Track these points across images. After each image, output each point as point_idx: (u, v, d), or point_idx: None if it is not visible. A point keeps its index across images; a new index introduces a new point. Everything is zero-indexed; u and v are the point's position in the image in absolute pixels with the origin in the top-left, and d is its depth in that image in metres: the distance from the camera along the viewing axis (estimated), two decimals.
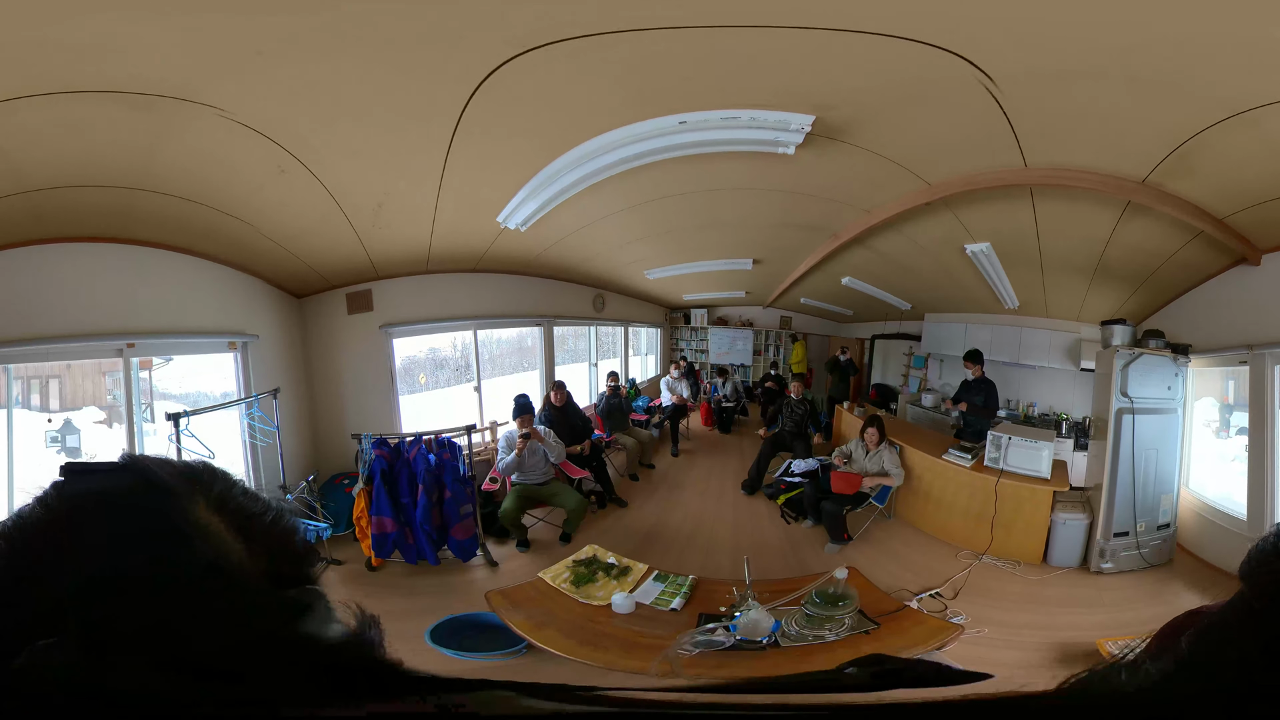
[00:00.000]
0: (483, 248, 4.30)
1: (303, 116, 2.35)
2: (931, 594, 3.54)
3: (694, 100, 2.55)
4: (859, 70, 2.29)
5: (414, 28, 1.83)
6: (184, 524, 0.32)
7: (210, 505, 0.34)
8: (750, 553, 3.80)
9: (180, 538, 0.31)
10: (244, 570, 0.33)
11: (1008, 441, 3.78)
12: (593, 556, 3.23)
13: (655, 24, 1.93)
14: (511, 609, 2.76)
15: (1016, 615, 3.30)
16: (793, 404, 4.93)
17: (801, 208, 3.97)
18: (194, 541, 0.31)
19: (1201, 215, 3.12)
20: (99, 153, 2.41)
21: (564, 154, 2.88)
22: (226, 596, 0.30)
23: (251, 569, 0.33)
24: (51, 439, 3.15)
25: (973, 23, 2.02)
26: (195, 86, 2.03)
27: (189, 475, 0.35)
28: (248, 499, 0.36)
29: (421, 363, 4.94)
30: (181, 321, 3.57)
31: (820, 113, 2.63)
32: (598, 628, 2.67)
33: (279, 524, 0.37)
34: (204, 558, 0.31)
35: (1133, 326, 3.61)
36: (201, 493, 0.34)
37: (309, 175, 2.79)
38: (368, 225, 3.54)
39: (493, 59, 2.04)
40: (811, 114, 2.63)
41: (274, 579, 0.34)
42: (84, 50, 1.75)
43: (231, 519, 0.34)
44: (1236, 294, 3.46)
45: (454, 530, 3.73)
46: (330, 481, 4.24)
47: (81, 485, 0.32)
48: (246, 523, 0.35)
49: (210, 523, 0.33)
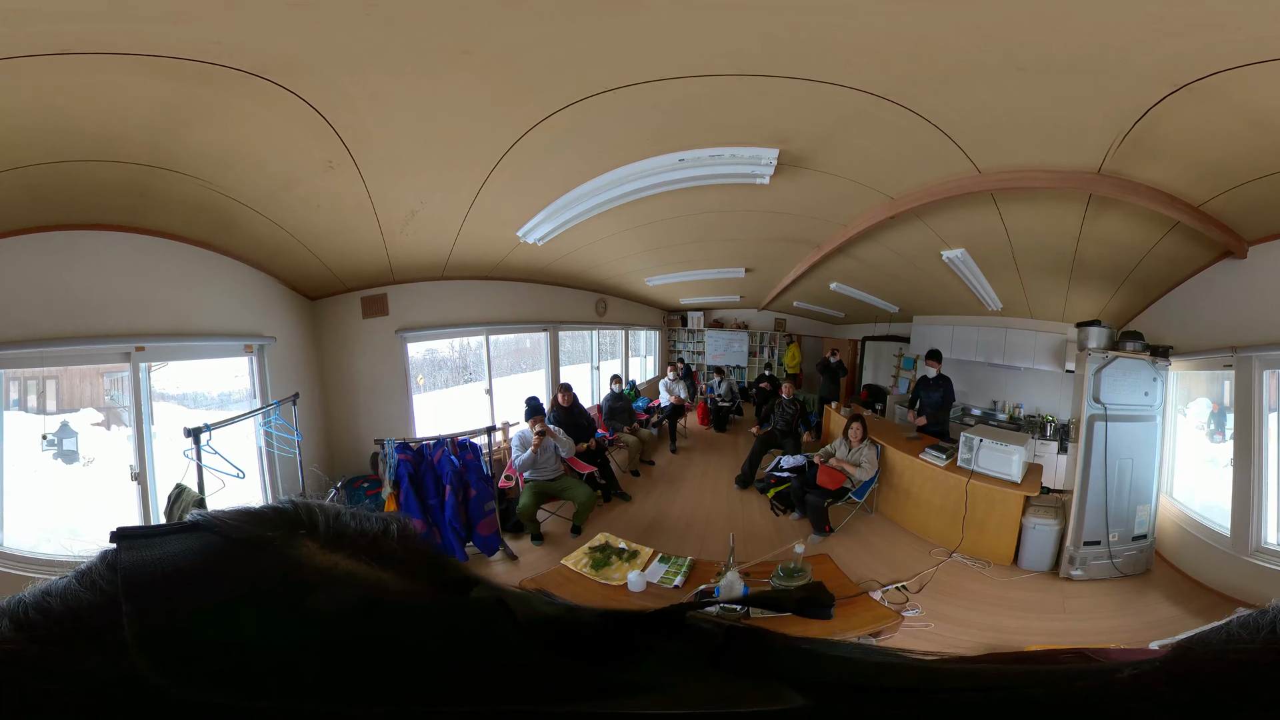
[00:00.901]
0: (499, 257, 4.52)
1: (376, 117, 2.32)
2: (897, 586, 3.68)
3: (686, 140, 2.86)
4: (803, 108, 2.52)
5: (507, 64, 1.98)
6: (303, 574, 0.27)
7: (325, 544, 0.29)
8: (741, 541, 4.10)
9: (304, 591, 0.26)
10: (410, 593, 0.28)
11: (980, 443, 3.81)
12: (605, 543, 3.49)
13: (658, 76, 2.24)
14: None
15: (970, 614, 3.39)
16: (784, 404, 5.12)
17: (784, 225, 4.14)
18: (329, 589, 0.26)
19: (1174, 203, 2.94)
20: (119, 121, 2.15)
21: (584, 183, 3.18)
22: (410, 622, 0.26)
23: (415, 589, 0.29)
24: (46, 442, 2.85)
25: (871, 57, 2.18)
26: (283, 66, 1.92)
27: (282, 520, 0.29)
28: (361, 522, 0.31)
29: (420, 364, 4.92)
30: (194, 323, 3.25)
31: (782, 145, 2.88)
32: (620, 605, 3.04)
33: (407, 534, 0.32)
34: (350, 600, 0.26)
35: (1109, 328, 3.51)
36: (307, 534, 0.29)
37: (355, 175, 2.75)
38: (396, 231, 3.59)
39: (556, 103, 2.32)
40: (775, 146, 2.89)
41: (446, 589, 0.30)
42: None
43: (356, 550, 0.29)
44: (1222, 290, 3.26)
45: (479, 527, 3.90)
46: (350, 485, 4.22)
47: (143, 554, 0.26)
48: (375, 548, 0.30)
49: (336, 563, 0.28)
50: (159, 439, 3.17)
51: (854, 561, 3.91)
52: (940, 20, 1.96)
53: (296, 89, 2.06)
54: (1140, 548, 3.46)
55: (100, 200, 2.70)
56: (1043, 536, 3.62)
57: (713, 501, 5.18)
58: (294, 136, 2.37)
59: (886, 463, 4.40)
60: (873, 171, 3.32)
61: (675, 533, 4.54)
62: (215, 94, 2.04)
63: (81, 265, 2.80)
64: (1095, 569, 3.49)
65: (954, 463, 4.01)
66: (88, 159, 2.37)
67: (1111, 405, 3.42)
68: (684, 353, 6.62)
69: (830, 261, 4.59)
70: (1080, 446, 3.49)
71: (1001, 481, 3.77)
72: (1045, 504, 3.69)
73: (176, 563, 0.26)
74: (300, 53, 1.87)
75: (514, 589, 0.30)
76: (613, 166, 3.07)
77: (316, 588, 0.26)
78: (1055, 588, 3.53)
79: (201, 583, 0.25)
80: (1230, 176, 2.73)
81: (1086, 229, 3.33)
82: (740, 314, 6.44)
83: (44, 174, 2.36)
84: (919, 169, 3.27)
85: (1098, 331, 3.50)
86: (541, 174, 3.07)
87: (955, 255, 3.90)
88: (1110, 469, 3.42)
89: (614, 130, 2.70)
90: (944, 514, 4.04)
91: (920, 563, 3.94)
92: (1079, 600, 3.41)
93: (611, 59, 2.12)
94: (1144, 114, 2.36)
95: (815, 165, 3.18)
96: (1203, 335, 3.35)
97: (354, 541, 0.30)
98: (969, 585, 3.68)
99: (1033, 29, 1.95)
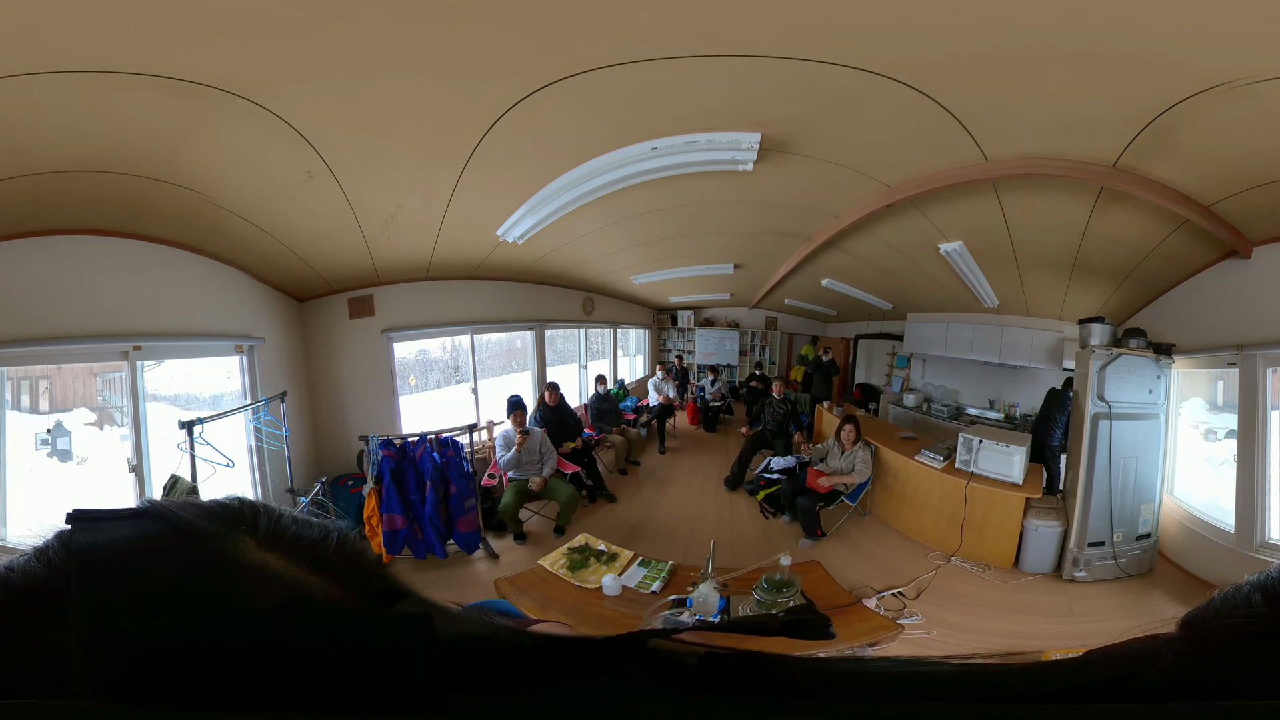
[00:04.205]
0: (481, 257, 4.48)
1: (341, 126, 2.40)
2: (894, 593, 3.53)
3: (658, 127, 2.75)
4: (788, 88, 2.38)
5: (460, 59, 2.00)
6: (236, 569, 0.27)
7: (262, 543, 0.29)
8: (728, 546, 3.93)
9: (234, 584, 0.27)
10: (335, 599, 0.29)
11: (979, 444, 3.69)
12: (585, 544, 3.40)
13: (626, 59, 2.12)
14: (519, 594, 2.94)
15: (975, 619, 3.25)
16: (775, 404, 4.97)
17: (772, 216, 4.02)
18: (257, 585, 0.27)
19: (1185, 202, 2.91)
20: (124, 137, 2.32)
21: (558, 177, 3.09)
22: (328, 628, 0.26)
23: (341, 596, 0.29)
24: (41, 441, 2.97)
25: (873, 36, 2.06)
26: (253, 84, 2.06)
27: (226, 515, 0.30)
28: (301, 527, 0.32)
29: (411, 364, 5.00)
30: (189, 323, 3.45)
31: (764, 129, 2.74)
32: (591, 610, 2.83)
33: (346, 545, 0.32)
34: (275, 599, 0.27)
35: (1112, 325, 3.43)
36: (247, 531, 0.30)
37: (333, 183, 2.85)
38: (377, 234, 3.64)
39: (518, 92, 2.28)
40: (756, 131, 2.74)
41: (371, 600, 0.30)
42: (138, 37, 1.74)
43: (291, 552, 0.30)
44: (1226, 289, 3.24)
45: (459, 524, 3.90)
46: (335, 483, 4.28)
47: (95, 536, 0.27)
48: (310, 552, 0.30)
49: (268, 561, 0.28)
50: (152, 438, 3.26)
51: (847, 567, 3.76)
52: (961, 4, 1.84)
53: (268, 104, 2.18)
54: (1144, 547, 3.38)
55: (102, 208, 2.82)
56: (1044, 539, 3.51)
57: (700, 503, 5.02)
58: (274, 149, 2.50)
59: (881, 464, 4.27)
60: (868, 157, 3.17)
61: (660, 536, 4.40)
62: (207, 111, 2.18)
63: (82, 268, 2.95)
64: (1099, 570, 3.39)
65: (951, 464, 3.88)
66: (95, 169, 2.51)
67: (1116, 404, 3.33)
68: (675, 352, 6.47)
69: (822, 256, 4.46)
70: (1083, 446, 3.39)
71: (1002, 483, 3.65)
72: (1047, 505, 3.59)
73: (127, 546, 0.27)
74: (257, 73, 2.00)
75: (450, 605, 0.31)
76: (585, 159, 2.95)
77: (243, 584, 0.27)
78: (1060, 590, 3.42)
79: (145, 567, 0.27)
80: (1241, 180, 2.70)
81: (1094, 224, 3.25)
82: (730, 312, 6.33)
83: (52, 182, 2.50)
84: (920, 155, 3.14)
85: (1100, 328, 3.42)
86: (514, 170, 3.01)
87: (953, 248, 3.79)
88: (1115, 468, 3.33)
89: (582, 121, 2.61)
90: (941, 516, 3.91)
91: (917, 567, 3.80)
92: (1085, 602, 3.31)
93: (570, 43, 2.01)
94: (1168, 109, 2.30)
95: (803, 150, 3.02)
96: (1206, 333, 3.31)
97: (290, 543, 0.31)
98: (970, 590, 3.55)
99: (1062, 18, 1.87)
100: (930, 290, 4.45)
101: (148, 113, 2.16)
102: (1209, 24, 1.79)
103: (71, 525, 0.28)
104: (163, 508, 0.29)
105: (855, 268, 4.51)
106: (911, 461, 4.04)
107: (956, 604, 3.40)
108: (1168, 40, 1.89)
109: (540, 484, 4.14)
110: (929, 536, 3.96)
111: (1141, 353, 3.35)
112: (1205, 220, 2.98)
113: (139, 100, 2.07)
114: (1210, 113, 2.20)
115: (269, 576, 0.28)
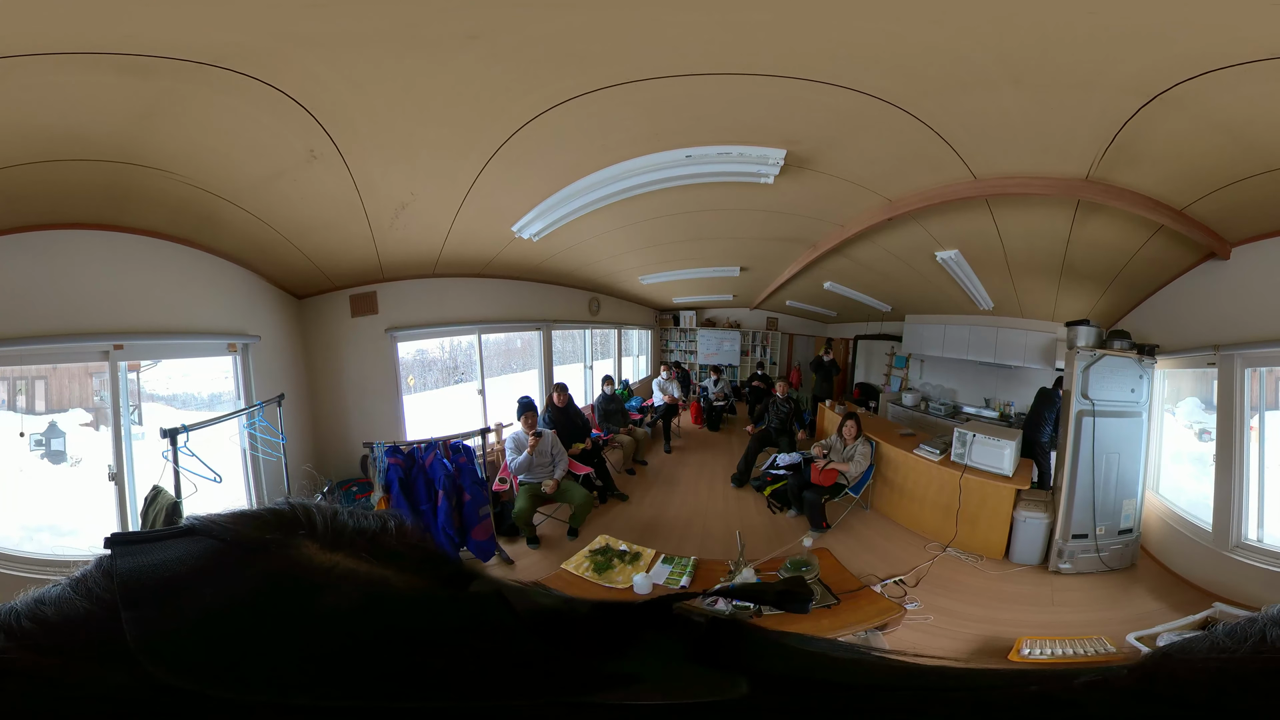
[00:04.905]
0: (493, 254, 4.37)
1: (360, 104, 2.17)
2: (895, 580, 3.75)
3: (691, 137, 2.82)
4: (812, 109, 2.52)
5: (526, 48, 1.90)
6: (307, 575, 0.26)
7: (325, 544, 0.28)
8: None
9: (308, 592, 0.26)
10: (418, 589, 0.28)
11: (973, 438, 3.90)
12: (605, 546, 3.42)
13: (664, 73, 2.20)
14: None
15: (966, 607, 3.48)
16: (778, 402, 5.16)
17: (781, 224, 4.15)
18: (332, 588, 0.26)
19: (1158, 207, 3.04)
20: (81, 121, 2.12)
21: (585, 176, 3.10)
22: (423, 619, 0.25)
23: (423, 584, 0.28)
24: (35, 442, 2.82)
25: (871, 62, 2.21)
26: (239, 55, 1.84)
27: (279, 522, 0.29)
28: (358, 520, 0.31)
29: (410, 364, 4.80)
30: (176, 320, 3.16)
31: (789, 146, 2.89)
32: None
33: (404, 531, 0.32)
34: (354, 598, 0.26)
35: (1097, 327, 3.62)
36: (306, 535, 0.28)
37: (341, 165, 2.60)
38: (385, 225, 3.44)
39: (572, 90, 2.23)
40: (783, 148, 2.89)
41: (447, 584, 0.29)
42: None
43: (355, 549, 0.29)
44: (1206, 291, 3.36)
45: (473, 532, 3.81)
46: (338, 489, 4.11)
47: (141, 560, 0.25)
48: (374, 545, 0.29)
49: (336, 562, 0.27)
50: (145, 439, 3.10)
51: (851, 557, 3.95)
52: (945, 28, 1.99)
53: (268, 78, 1.98)
54: (1125, 542, 3.58)
55: (77, 200, 2.63)
56: (1033, 530, 3.72)
57: (709, 500, 5.21)
58: (272, 126, 2.27)
59: (881, 459, 4.48)
60: (874, 174, 3.35)
61: (674, 533, 4.52)
62: (179, 87, 1.98)
63: (59, 265, 2.74)
64: (1082, 562, 3.60)
65: (947, 457, 4.09)
66: (58, 159, 2.31)
67: (1099, 402, 3.52)
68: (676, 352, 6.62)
69: (825, 261, 4.63)
70: (1068, 442, 3.59)
71: (994, 475, 3.86)
72: (1036, 498, 3.80)
73: (175, 568, 0.26)
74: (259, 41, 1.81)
75: (511, 582, 0.29)
76: (613, 161, 2.99)
77: (320, 587, 0.26)
78: (1045, 581, 3.64)
79: (201, 587, 0.25)
80: (1209, 181, 2.82)
81: (1076, 232, 3.42)
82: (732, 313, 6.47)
83: (19, 175, 2.31)
84: (918, 173, 3.31)
85: (1086, 330, 3.60)
86: (543, 165, 2.94)
87: (949, 256, 3.96)
88: (1098, 464, 3.53)
89: (618, 125, 2.63)
90: (937, 509, 4.12)
91: (915, 557, 4.02)
92: (1067, 594, 3.52)
93: (626, 53, 2.07)
94: (1124, 124, 2.45)
95: (819, 167, 3.20)
96: (1188, 334, 3.45)
97: (353, 540, 0.30)
98: (963, 579, 3.77)
99: (1030, 42, 2.00)
100: (928, 293, 4.63)
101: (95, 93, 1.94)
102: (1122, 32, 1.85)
103: (111, 550, 0.26)
104: (210, 523, 0.28)
105: (856, 272, 4.68)
106: (910, 456, 4.25)
107: (950, 592, 3.63)
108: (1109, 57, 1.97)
109: (553, 486, 4.09)
110: (926, 528, 4.18)
111: (1124, 353, 3.54)
112: (1180, 224, 3.08)
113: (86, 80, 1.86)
114: (1159, 123, 2.31)
115: (342, 576, 0.27)
